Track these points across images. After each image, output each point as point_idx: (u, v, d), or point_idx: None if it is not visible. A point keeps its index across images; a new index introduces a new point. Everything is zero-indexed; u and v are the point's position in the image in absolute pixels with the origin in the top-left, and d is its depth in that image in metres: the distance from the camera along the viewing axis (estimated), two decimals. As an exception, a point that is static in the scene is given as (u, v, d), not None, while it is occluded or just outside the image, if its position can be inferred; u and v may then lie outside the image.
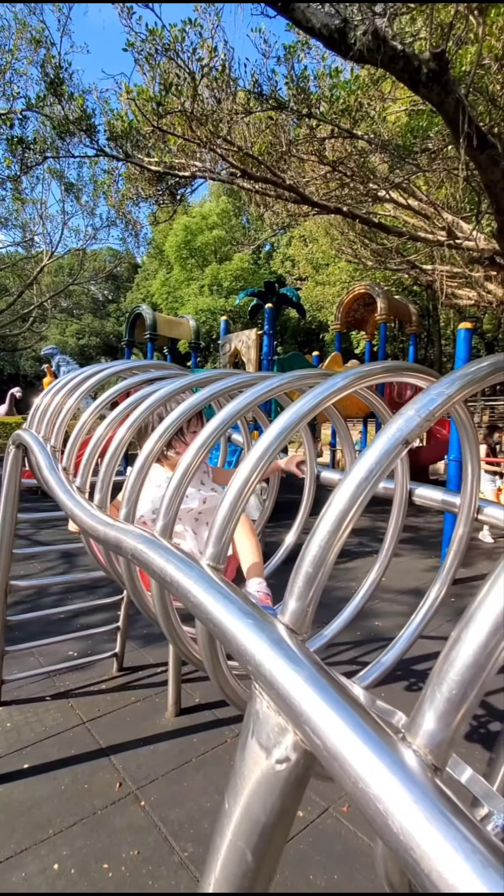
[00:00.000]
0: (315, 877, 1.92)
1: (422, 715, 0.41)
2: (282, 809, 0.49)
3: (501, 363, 0.76)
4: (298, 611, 0.56)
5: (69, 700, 3.07)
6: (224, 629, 0.56)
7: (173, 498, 0.89)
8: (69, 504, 1.23)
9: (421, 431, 0.57)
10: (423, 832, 0.34)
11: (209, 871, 0.56)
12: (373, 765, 0.38)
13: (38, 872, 1.92)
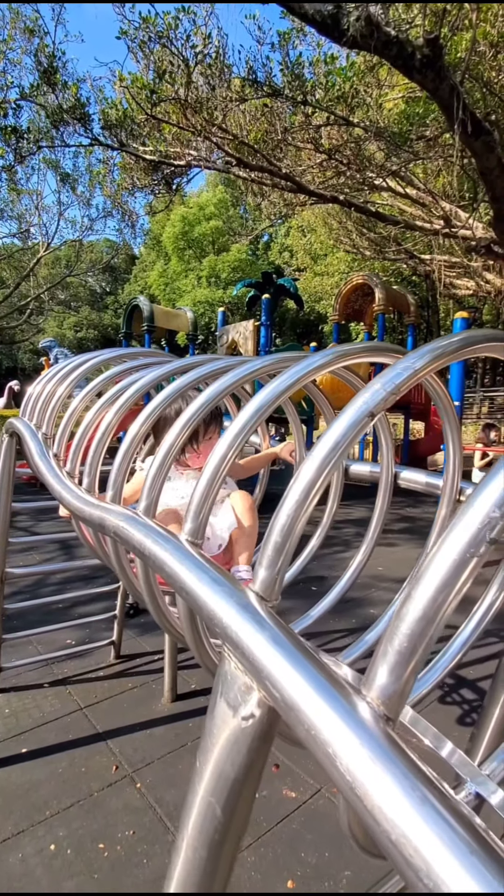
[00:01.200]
0: (307, 854, 1.96)
1: (375, 669, 0.43)
2: (249, 765, 0.51)
3: (472, 338, 0.77)
4: (268, 579, 0.58)
5: (67, 687, 3.11)
6: (195, 596, 0.58)
7: (156, 478, 0.91)
8: (58, 488, 1.25)
9: (387, 404, 0.59)
10: (368, 772, 0.36)
11: (182, 828, 0.58)
12: (325, 713, 0.40)
13: (34, 853, 1.96)
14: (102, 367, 1.79)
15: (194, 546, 0.73)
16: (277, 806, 2.19)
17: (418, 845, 0.32)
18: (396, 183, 7.90)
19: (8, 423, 2.23)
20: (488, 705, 1.17)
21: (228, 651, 0.53)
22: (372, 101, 5.59)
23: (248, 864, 1.90)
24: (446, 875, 0.31)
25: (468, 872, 0.31)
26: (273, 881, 1.84)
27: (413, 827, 0.33)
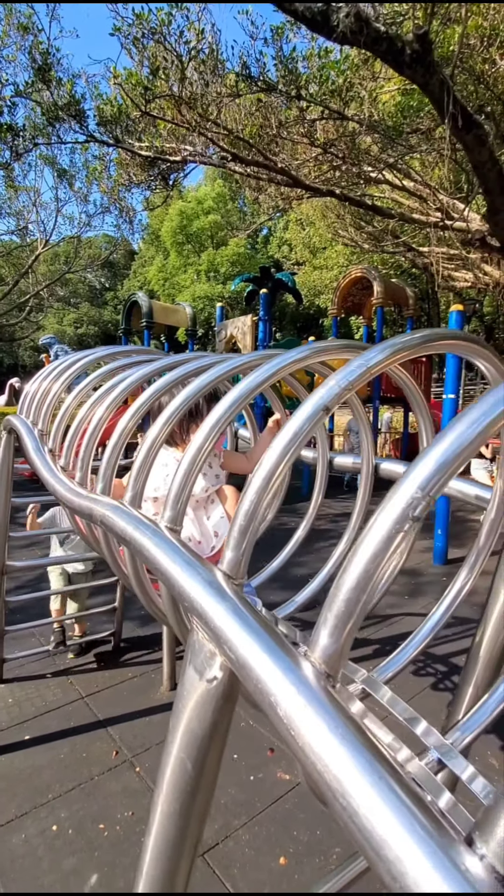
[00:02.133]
0: (299, 833, 2.03)
1: (317, 632, 0.49)
2: (215, 722, 0.58)
3: (434, 335, 0.83)
4: (233, 559, 0.64)
5: (69, 677, 3.19)
6: (169, 575, 0.64)
7: (141, 469, 0.97)
8: (51, 481, 1.31)
9: (340, 399, 0.64)
10: (303, 718, 0.42)
11: (158, 786, 0.65)
12: (270, 669, 0.46)
13: (37, 834, 2.04)
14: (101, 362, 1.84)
15: (173, 532, 0.79)
16: (272, 788, 2.27)
17: (337, 773, 0.38)
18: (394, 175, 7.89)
19: (6, 421, 2.29)
20: (461, 684, 1.23)
21: (196, 622, 0.59)
22: (366, 95, 5.59)
23: (242, 842, 1.98)
24: (356, 793, 0.37)
25: (374, 790, 0.36)
26: (266, 857, 1.91)
27: (334, 757, 0.39)
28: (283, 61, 5.14)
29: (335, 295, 13.34)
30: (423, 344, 0.85)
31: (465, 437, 0.48)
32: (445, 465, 0.47)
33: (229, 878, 1.82)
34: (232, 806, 2.16)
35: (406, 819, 0.35)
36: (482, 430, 0.49)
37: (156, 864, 0.63)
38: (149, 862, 0.64)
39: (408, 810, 0.36)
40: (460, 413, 0.50)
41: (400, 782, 0.38)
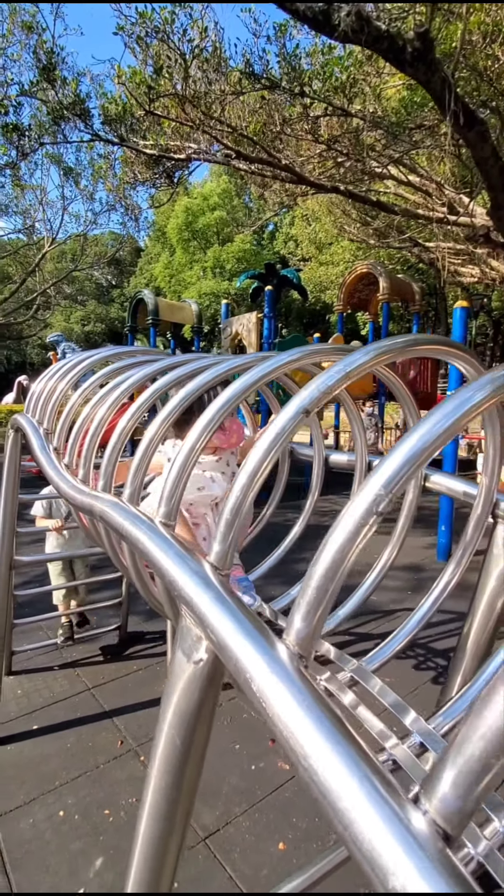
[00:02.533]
0: (298, 820, 2.09)
1: (292, 618, 0.54)
2: (201, 700, 0.62)
3: (415, 340, 0.87)
4: (220, 552, 0.69)
5: (76, 669, 3.27)
6: (161, 566, 0.69)
7: (139, 467, 1.02)
8: (56, 479, 1.36)
9: (319, 403, 0.69)
10: (274, 692, 0.47)
11: (151, 761, 0.70)
12: (246, 649, 0.51)
13: (44, 819, 2.12)
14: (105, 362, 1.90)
15: (166, 527, 0.83)
16: (272, 777, 2.32)
17: (301, 738, 0.43)
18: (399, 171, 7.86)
19: (13, 419, 2.35)
20: (451, 673, 1.28)
21: (184, 609, 0.63)
22: (370, 91, 5.57)
23: (243, 828, 2.04)
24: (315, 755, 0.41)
25: (333, 753, 0.41)
26: (266, 843, 1.97)
27: (299, 725, 0.44)
28: (286, 58, 5.14)
29: (341, 291, 13.31)
30: (406, 348, 0.89)
31: (425, 440, 0.53)
32: (406, 465, 0.51)
33: (230, 862, 1.88)
34: (233, 794, 2.22)
35: (358, 777, 0.40)
36: (441, 435, 0.53)
37: (151, 831, 0.68)
38: (144, 830, 0.69)
39: (360, 770, 0.40)
40: (423, 417, 0.55)
41: (357, 748, 0.43)
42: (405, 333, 1.22)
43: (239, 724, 2.70)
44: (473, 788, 0.37)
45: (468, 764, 0.37)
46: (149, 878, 0.70)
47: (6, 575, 2.61)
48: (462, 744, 0.38)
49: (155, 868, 0.68)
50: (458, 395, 0.60)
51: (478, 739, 0.37)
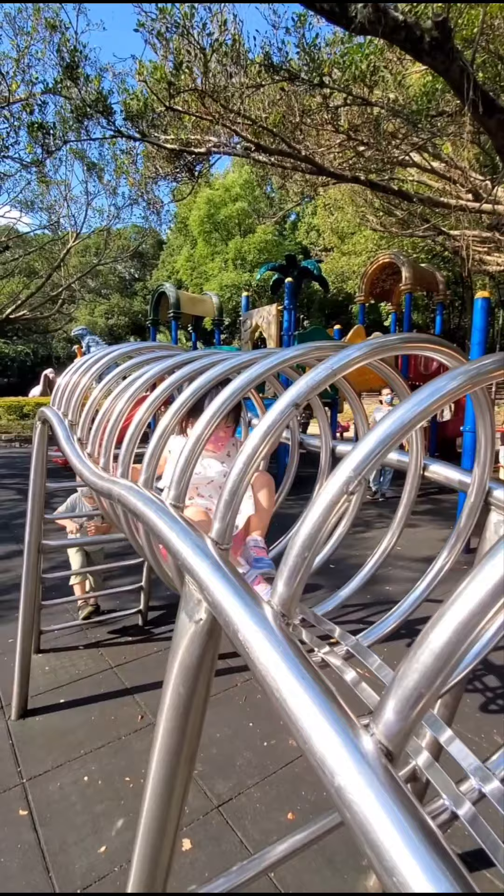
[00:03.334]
0: (307, 793, 2.20)
1: (276, 583, 0.63)
2: (202, 654, 0.72)
3: (427, 338, 0.94)
4: (220, 528, 0.78)
5: (99, 649, 3.44)
6: (169, 541, 0.78)
7: (152, 456, 1.12)
8: (79, 466, 1.48)
9: (308, 397, 0.77)
10: (256, 640, 0.56)
11: (160, 709, 0.80)
12: (236, 609, 0.60)
13: (71, 783, 2.28)
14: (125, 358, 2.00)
15: (175, 508, 0.93)
16: (283, 753, 2.43)
17: (275, 675, 0.52)
18: (423, 158, 7.74)
19: (40, 412, 2.49)
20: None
21: (187, 577, 0.73)
22: (391, 79, 5.51)
23: (254, 798, 2.16)
24: (286, 689, 0.50)
25: (300, 689, 0.50)
26: (275, 813, 2.09)
27: (275, 666, 0.52)
28: (305, 49, 5.13)
29: (362, 281, 13.16)
30: (400, 344, 0.97)
31: (395, 427, 0.60)
32: (375, 449, 0.59)
33: (241, 828, 2.00)
34: (246, 767, 2.34)
35: (321, 708, 0.49)
36: (410, 421, 0.61)
37: (161, 768, 0.79)
38: (155, 768, 0.80)
39: (323, 703, 0.49)
40: (394, 408, 0.62)
41: (323, 687, 0.51)
42: (391, 335, 1.21)
43: (253, 704, 2.81)
44: (409, 713, 0.46)
45: (405, 694, 0.45)
46: (160, 810, 0.80)
47: (35, 558, 2.77)
48: (402, 678, 0.46)
49: (165, 799, 0.79)
50: (431, 385, 0.68)
51: (412, 673, 0.45)
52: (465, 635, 0.43)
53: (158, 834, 0.80)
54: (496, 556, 0.43)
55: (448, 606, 0.44)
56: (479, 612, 0.42)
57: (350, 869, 1.85)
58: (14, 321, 15.99)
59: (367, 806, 0.41)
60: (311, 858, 1.90)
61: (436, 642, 0.44)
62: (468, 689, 3.04)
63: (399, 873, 0.37)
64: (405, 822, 0.40)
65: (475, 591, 0.43)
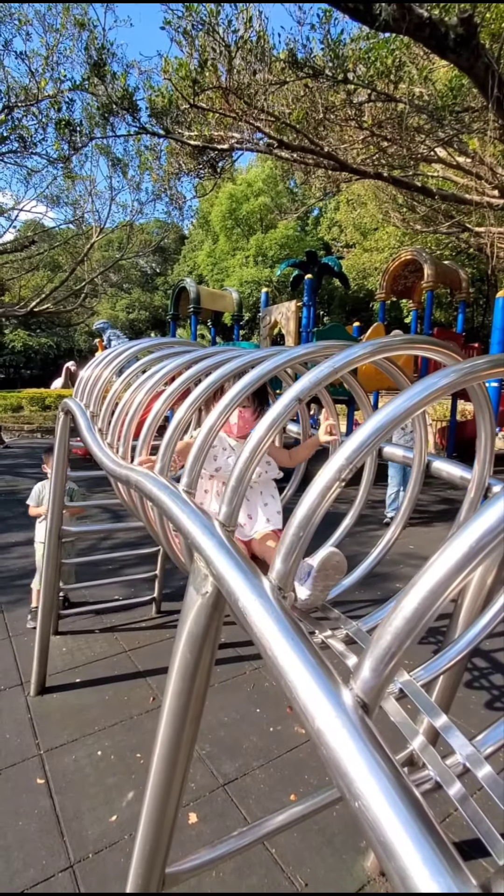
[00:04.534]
0: (310, 777, 2.27)
1: (274, 562, 0.70)
2: (207, 624, 0.80)
3: (424, 339, 0.99)
4: (226, 511, 0.85)
5: (114, 634, 3.57)
6: (180, 522, 0.86)
7: (167, 446, 1.19)
8: (100, 455, 1.57)
9: (311, 392, 0.83)
10: (254, 608, 0.63)
11: (170, 673, 0.88)
12: (240, 583, 0.67)
13: (85, 756, 2.39)
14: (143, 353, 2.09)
15: (187, 493, 1.01)
16: (288, 739, 2.51)
17: (270, 639, 0.59)
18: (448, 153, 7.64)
19: (63, 403, 2.60)
20: (445, 642, 1.40)
21: (196, 554, 0.80)
22: (417, 74, 5.47)
23: (259, 780, 2.24)
24: (279, 652, 0.57)
25: (290, 649, 0.57)
26: (279, 793, 2.16)
27: (269, 630, 0.59)
28: (330, 45, 5.13)
29: (383, 278, 13.04)
30: (401, 345, 1.02)
31: (385, 420, 0.67)
32: (367, 441, 0.66)
33: (245, 806, 2.09)
34: (252, 750, 2.42)
35: (307, 665, 0.55)
36: (400, 415, 0.67)
37: (169, 728, 0.87)
38: (163, 728, 0.88)
39: (309, 661, 0.56)
40: (386, 403, 0.68)
41: (312, 650, 0.58)
42: (392, 337, 1.19)
43: (261, 691, 2.89)
44: (383, 671, 0.52)
45: (380, 653, 0.52)
46: (168, 765, 0.88)
47: (56, 544, 2.89)
48: (377, 640, 0.53)
49: (172, 755, 0.87)
50: (423, 381, 0.73)
51: (386, 635, 0.51)
52: (431, 602, 0.49)
53: (166, 786, 0.89)
54: (459, 537, 0.49)
55: (417, 578, 0.51)
56: (444, 582, 0.49)
57: (349, 849, 1.92)
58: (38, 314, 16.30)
59: (342, 744, 0.48)
60: (311, 838, 1.97)
61: (406, 608, 0.50)
62: (474, 687, 3.07)
63: (364, 798, 0.44)
64: (374, 758, 0.47)
65: (441, 565, 0.49)
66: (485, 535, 0.47)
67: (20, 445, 14.55)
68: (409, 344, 1.02)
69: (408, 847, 0.40)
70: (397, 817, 0.42)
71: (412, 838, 0.40)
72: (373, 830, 0.43)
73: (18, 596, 4.15)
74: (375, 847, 0.42)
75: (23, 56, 7.85)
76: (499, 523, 0.47)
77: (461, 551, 0.48)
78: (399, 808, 0.43)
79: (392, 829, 0.41)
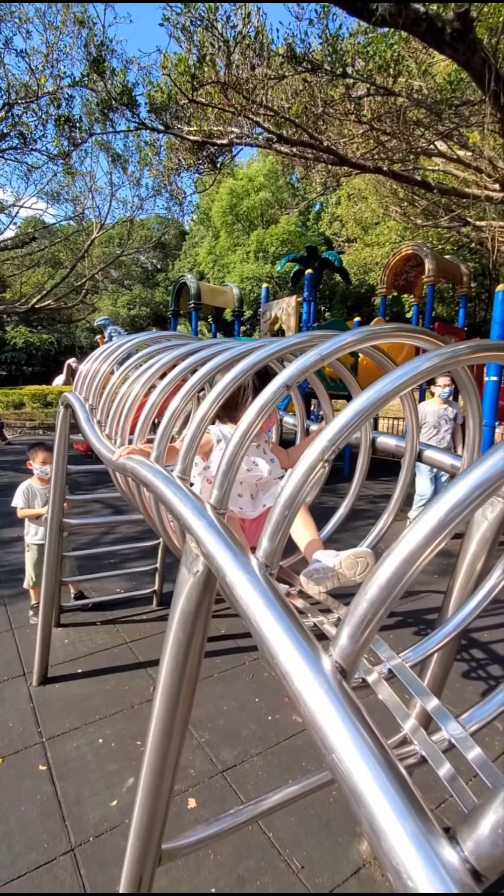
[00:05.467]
0: (307, 764, 2.31)
1: (261, 541, 0.72)
2: (199, 602, 0.83)
3: (410, 328, 1.01)
4: (217, 496, 0.88)
5: (116, 626, 3.61)
6: (173, 505, 0.89)
7: (163, 436, 1.22)
8: (98, 445, 1.60)
9: (299, 379, 0.85)
10: (241, 584, 0.66)
11: (163, 650, 0.91)
12: (227, 560, 0.70)
13: (86, 744, 2.43)
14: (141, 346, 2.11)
15: (181, 479, 1.04)
16: (287, 728, 2.55)
17: (255, 613, 0.62)
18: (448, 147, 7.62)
19: (63, 397, 2.63)
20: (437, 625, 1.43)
21: (188, 536, 0.83)
22: (416, 68, 5.46)
23: (257, 766, 2.28)
24: (264, 625, 0.60)
25: (273, 620, 0.60)
26: (276, 780, 2.20)
27: (254, 605, 0.62)
28: (328, 40, 5.12)
29: (384, 273, 13.02)
30: (390, 333, 1.04)
31: (367, 403, 0.69)
32: (349, 423, 0.68)
33: (243, 791, 2.13)
34: (251, 738, 2.46)
35: (288, 633, 0.58)
36: (382, 398, 0.70)
37: (164, 703, 0.90)
38: (158, 702, 0.91)
39: (290, 630, 0.59)
40: (363, 391, 0.71)
41: (292, 619, 0.61)
42: (384, 325, 1.17)
43: (260, 681, 2.93)
44: (360, 637, 0.55)
45: (356, 621, 0.55)
46: (163, 742, 0.92)
47: (57, 536, 2.93)
48: (354, 609, 0.55)
49: (167, 731, 0.90)
50: (406, 365, 0.76)
51: (363, 603, 0.54)
52: (403, 571, 0.52)
53: (161, 761, 0.92)
54: (426, 513, 0.52)
55: (391, 550, 0.53)
56: (415, 553, 0.51)
57: (344, 833, 1.96)
58: (39, 311, 16.33)
59: (320, 704, 0.51)
60: (308, 822, 2.01)
61: (381, 578, 0.53)
62: (472, 678, 3.10)
63: (337, 751, 0.47)
64: (348, 716, 0.50)
65: (411, 538, 0.52)
66: (451, 511, 0.50)
67: (22, 442, 14.61)
68: (396, 332, 1.04)
69: (376, 794, 0.43)
70: (367, 767, 0.45)
71: (380, 786, 0.43)
72: (345, 782, 0.46)
73: (20, 590, 4.19)
74: (348, 796, 0.45)
75: (23, 54, 7.85)
76: (462, 501, 0.50)
77: (430, 526, 0.51)
78: (370, 759, 0.46)
79: (363, 778, 0.44)
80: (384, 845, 0.41)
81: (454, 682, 2.98)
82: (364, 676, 1.07)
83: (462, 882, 0.40)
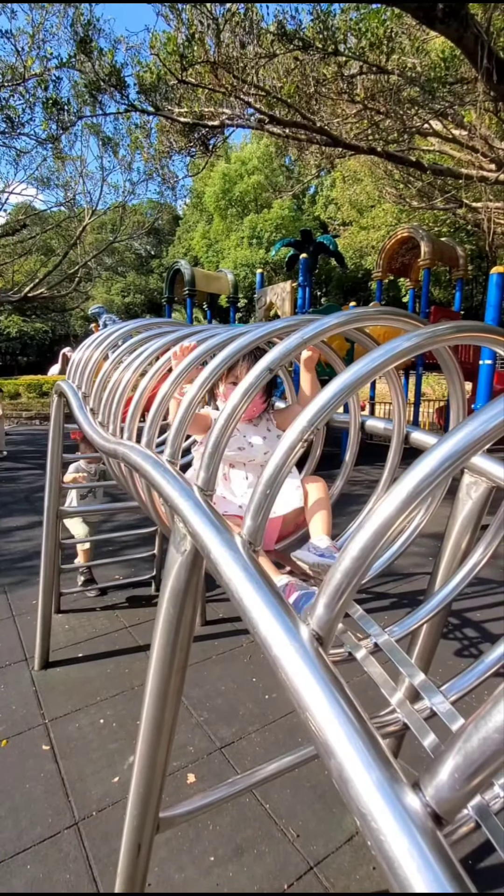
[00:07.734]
0: (303, 740, 2.36)
1: (245, 519, 0.75)
2: (188, 579, 0.86)
3: (392, 311, 1.03)
4: (205, 477, 0.91)
5: (115, 611, 3.67)
6: (161, 487, 0.91)
7: (153, 421, 1.24)
8: (90, 432, 1.62)
9: (282, 362, 0.87)
10: (226, 561, 0.69)
11: (155, 627, 0.94)
12: (212, 539, 0.73)
13: (88, 724, 2.50)
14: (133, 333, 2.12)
15: (171, 464, 1.06)
16: (283, 706, 2.61)
17: (240, 589, 0.64)
18: (443, 126, 7.51)
19: (56, 385, 2.64)
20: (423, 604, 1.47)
21: (176, 517, 0.86)
22: (409, 45, 5.36)
23: (254, 743, 2.35)
24: (248, 599, 0.63)
25: (258, 598, 0.63)
26: (273, 755, 2.25)
27: (240, 583, 0.65)
28: (319, 16, 5.01)
29: (380, 257, 12.90)
30: (374, 316, 1.06)
31: (345, 383, 0.71)
32: (327, 405, 0.70)
33: (241, 767, 2.19)
34: (248, 716, 2.53)
35: (268, 605, 0.61)
36: (360, 378, 0.72)
37: (157, 675, 0.94)
38: (152, 675, 0.95)
39: (270, 602, 0.62)
40: (342, 372, 0.73)
41: (272, 592, 0.64)
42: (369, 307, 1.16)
43: (257, 662, 3.00)
44: (335, 605, 0.58)
45: (331, 590, 0.58)
46: (157, 713, 0.96)
47: (54, 523, 2.96)
48: (330, 579, 0.58)
49: (160, 704, 0.94)
50: (386, 345, 0.78)
51: (337, 574, 0.57)
52: (374, 543, 0.55)
53: (156, 731, 0.96)
54: (394, 489, 0.54)
55: (362, 523, 0.56)
56: (385, 525, 0.54)
57: (339, 804, 2.03)
58: (32, 299, 16.17)
59: (297, 668, 0.54)
60: (304, 794, 2.08)
61: (353, 550, 0.56)
62: (464, 655, 3.18)
63: (311, 709, 0.50)
64: (322, 678, 0.53)
65: (380, 512, 0.54)
66: (418, 485, 0.53)
67: (19, 433, 14.60)
68: (378, 314, 1.06)
69: (345, 746, 0.46)
70: (339, 723, 0.48)
71: (349, 738, 0.47)
72: (318, 735, 0.49)
73: (21, 577, 4.25)
74: (320, 749, 0.49)
75: (8, 35, 7.66)
76: (427, 476, 0.52)
77: (397, 500, 0.53)
78: (341, 715, 0.49)
79: (333, 732, 0.48)
80: (351, 791, 0.44)
81: (447, 660, 3.05)
82: (351, 651, 1.11)
83: (424, 825, 0.43)
